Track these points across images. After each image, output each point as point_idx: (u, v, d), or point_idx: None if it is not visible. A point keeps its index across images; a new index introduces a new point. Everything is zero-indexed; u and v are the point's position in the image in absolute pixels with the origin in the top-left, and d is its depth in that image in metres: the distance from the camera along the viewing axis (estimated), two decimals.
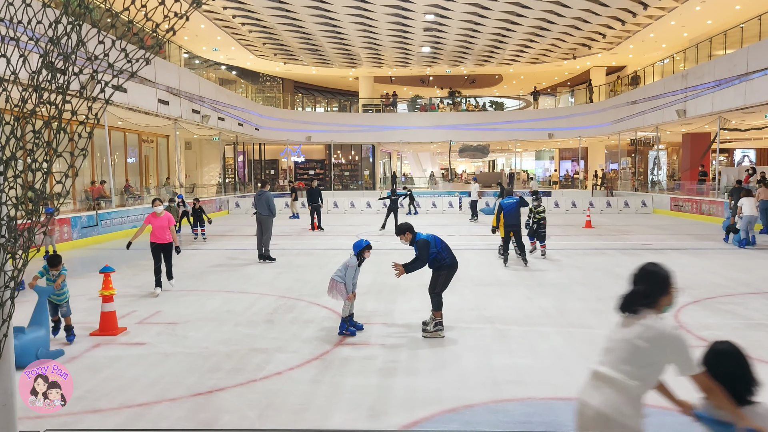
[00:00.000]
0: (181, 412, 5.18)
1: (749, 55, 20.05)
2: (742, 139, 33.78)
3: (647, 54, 32.43)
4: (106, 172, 21.33)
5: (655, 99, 27.35)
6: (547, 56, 35.90)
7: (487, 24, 28.61)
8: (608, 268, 12.21)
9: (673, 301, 3.07)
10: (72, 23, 2.11)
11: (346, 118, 38.84)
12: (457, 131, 37.93)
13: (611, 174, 36.53)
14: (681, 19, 25.78)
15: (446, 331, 7.46)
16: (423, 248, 7.35)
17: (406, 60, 37.19)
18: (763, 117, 22.60)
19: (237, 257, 14.25)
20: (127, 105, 19.02)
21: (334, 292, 7.46)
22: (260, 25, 28.65)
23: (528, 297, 9.59)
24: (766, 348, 6.79)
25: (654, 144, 31.28)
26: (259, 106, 36.01)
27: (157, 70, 21.26)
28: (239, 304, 9.28)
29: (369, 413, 5.13)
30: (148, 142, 28.41)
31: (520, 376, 5.98)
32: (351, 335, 7.45)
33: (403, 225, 7.74)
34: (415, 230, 7.61)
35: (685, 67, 26.79)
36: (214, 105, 27.16)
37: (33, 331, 6.43)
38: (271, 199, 13.48)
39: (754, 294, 9.72)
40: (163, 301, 9.43)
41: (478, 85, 46.39)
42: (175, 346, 7.06)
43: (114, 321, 7.64)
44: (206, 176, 34.18)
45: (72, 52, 2.12)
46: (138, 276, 11.78)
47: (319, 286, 10.42)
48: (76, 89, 2.23)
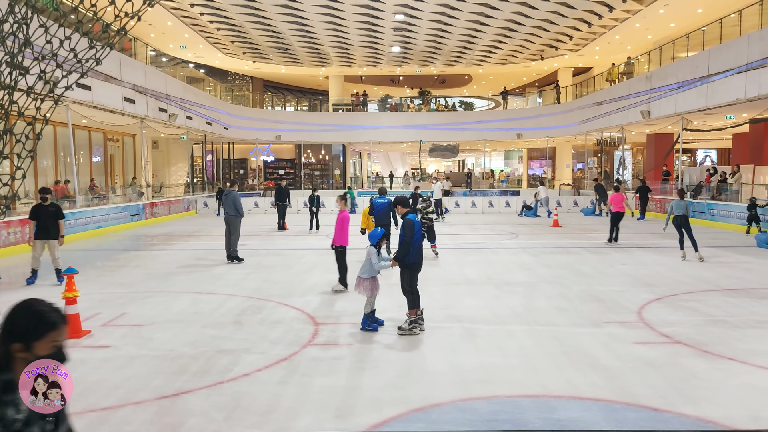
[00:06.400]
0: (146, 415, 5.10)
1: (710, 58, 20.54)
2: (704, 140, 34.64)
3: (613, 56, 33.00)
4: (70, 172, 20.86)
5: (620, 100, 27.85)
6: (515, 57, 36.28)
7: (457, 24, 28.80)
8: (574, 267, 12.40)
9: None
10: (19, 22, 2.06)
11: (316, 118, 38.69)
12: (427, 131, 38.08)
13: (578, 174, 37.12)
14: (645, 21, 26.31)
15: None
16: (407, 228, 7.46)
17: (376, 60, 37.21)
18: (724, 118, 23.19)
19: (205, 258, 14.10)
20: (92, 103, 18.64)
21: (360, 288, 7.64)
22: (228, 23, 28.36)
23: (496, 296, 9.68)
24: (725, 343, 6.98)
25: (619, 144, 31.85)
26: (227, 105, 35.64)
27: (123, 67, 20.89)
28: (207, 305, 9.18)
29: (337, 414, 5.12)
30: (113, 140, 27.90)
31: (487, 375, 6.04)
32: (373, 331, 7.55)
33: (403, 198, 7.94)
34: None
35: (648, 69, 27.33)
36: (182, 103, 26.79)
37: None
38: (238, 198, 13.35)
39: (715, 291, 9.97)
40: (128, 303, 9.28)
41: (447, 86, 46.65)
42: (140, 349, 6.96)
43: (77, 324, 7.49)
44: (174, 176, 33.70)
45: (19, 51, 2.07)
46: (102, 277, 11.56)
47: (288, 287, 10.38)
48: (23, 89, 2.18)
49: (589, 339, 7.19)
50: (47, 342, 2.11)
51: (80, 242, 17.31)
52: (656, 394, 5.47)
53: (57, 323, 2.14)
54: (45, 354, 2.09)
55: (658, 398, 5.37)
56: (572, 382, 5.78)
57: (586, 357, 6.54)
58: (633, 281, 10.79)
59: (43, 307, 2.15)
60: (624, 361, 6.39)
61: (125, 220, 21.48)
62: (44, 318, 2.12)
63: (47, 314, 2.14)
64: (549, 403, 5.31)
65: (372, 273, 7.64)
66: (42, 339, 2.10)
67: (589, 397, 5.43)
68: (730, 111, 21.56)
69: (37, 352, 2.09)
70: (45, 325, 2.11)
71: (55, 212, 11.02)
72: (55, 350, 2.12)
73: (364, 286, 7.61)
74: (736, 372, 6.09)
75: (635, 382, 5.80)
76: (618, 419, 4.98)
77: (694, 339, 7.14)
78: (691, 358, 6.48)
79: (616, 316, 8.31)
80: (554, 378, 5.92)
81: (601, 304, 8.99)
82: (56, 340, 2.13)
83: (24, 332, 2.08)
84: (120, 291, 10.23)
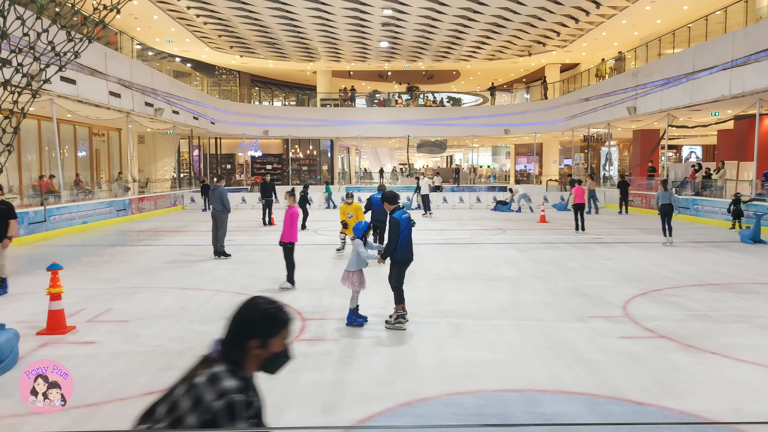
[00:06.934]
0: (132, 411, 5.04)
1: (696, 55, 20.71)
2: (690, 136, 34.90)
3: (599, 52, 33.16)
4: (55, 167, 20.67)
5: (606, 96, 28.00)
6: (503, 53, 36.33)
7: (445, 20, 28.79)
8: (561, 262, 12.48)
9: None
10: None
11: (304, 113, 38.57)
12: (415, 126, 38.09)
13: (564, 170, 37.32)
14: (632, 18, 26.45)
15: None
16: (393, 227, 7.50)
17: (364, 55, 37.12)
18: (709, 114, 23.40)
19: (192, 253, 14.03)
20: (77, 97, 18.46)
21: (347, 282, 7.65)
22: (216, 17, 28.15)
23: (483, 291, 9.73)
24: (707, 338, 7.06)
25: (606, 140, 32.05)
26: (215, 100, 35.43)
27: (108, 61, 20.70)
28: (194, 301, 9.14)
29: (324, 408, 5.13)
30: (99, 135, 27.64)
31: (473, 369, 6.07)
32: (359, 326, 7.57)
33: (391, 193, 7.92)
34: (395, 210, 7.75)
35: (635, 66, 27.49)
36: (168, 98, 26.59)
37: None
38: (225, 194, 13.30)
39: (698, 286, 10.09)
40: (114, 299, 9.22)
41: (435, 81, 46.66)
42: (126, 345, 6.92)
43: (62, 319, 7.43)
44: (160, 171, 33.47)
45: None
46: (88, 273, 11.47)
47: (276, 282, 10.36)
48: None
49: (574, 334, 7.25)
50: (281, 339, 2.18)
51: (65, 238, 17.17)
52: (640, 388, 5.53)
53: (289, 320, 2.21)
54: (278, 350, 2.17)
55: (642, 392, 5.43)
56: (557, 377, 5.83)
57: (572, 351, 6.60)
58: (618, 276, 10.88)
59: (275, 304, 2.22)
60: (608, 356, 6.45)
61: (111, 216, 21.32)
62: (278, 315, 2.19)
63: (280, 312, 2.20)
64: (534, 397, 5.36)
65: (359, 266, 7.65)
66: (277, 336, 2.17)
67: (573, 391, 5.48)
68: (715, 107, 21.75)
69: (271, 348, 2.16)
70: (279, 322, 2.18)
71: (6, 211, 9.55)
72: (285, 347, 2.20)
73: (351, 280, 7.63)
74: (718, 366, 6.17)
75: (619, 376, 5.86)
76: (602, 413, 5.03)
77: (677, 333, 7.23)
78: (674, 353, 6.55)
79: (601, 310, 8.38)
80: (540, 372, 5.97)
81: (586, 299, 9.06)
82: (287, 336, 2.21)
83: (261, 329, 2.14)
84: (106, 287, 10.17)
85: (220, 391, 1.96)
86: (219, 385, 1.98)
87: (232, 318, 2.18)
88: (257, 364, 2.15)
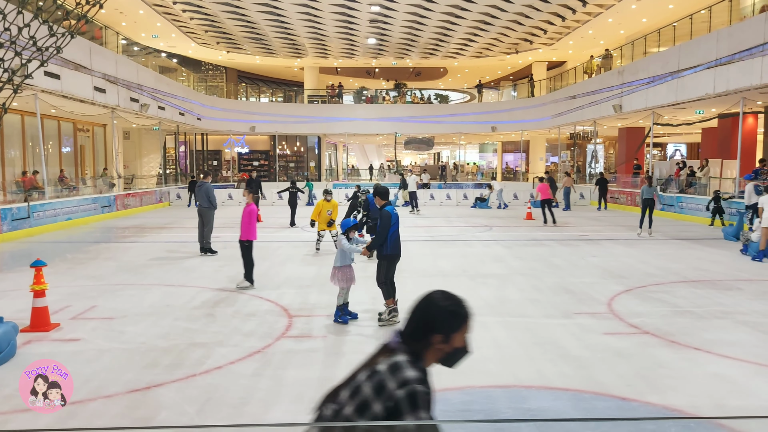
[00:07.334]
0: (117, 409, 5.06)
1: (680, 54, 20.87)
2: (674, 134, 35.24)
3: (586, 50, 33.34)
4: (39, 162, 20.46)
5: (593, 94, 28.17)
6: (490, 50, 36.43)
7: (432, 17, 28.81)
8: (547, 259, 12.55)
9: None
10: None
11: (291, 109, 38.41)
12: (402, 123, 38.09)
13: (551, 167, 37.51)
14: (618, 16, 26.62)
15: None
16: (384, 219, 7.49)
17: (351, 51, 37.05)
18: (694, 113, 23.61)
19: (177, 250, 13.95)
20: (61, 92, 18.26)
21: (334, 279, 7.65)
22: (202, 12, 27.96)
23: (470, 287, 9.76)
24: (691, 334, 7.14)
25: (592, 138, 32.24)
26: (201, 96, 35.20)
27: (93, 56, 20.50)
28: (179, 298, 9.10)
29: (310, 405, 5.11)
30: (83, 131, 27.39)
31: (460, 366, 6.08)
32: (344, 323, 7.56)
33: (382, 188, 7.92)
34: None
35: (621, 64, 27.67)
36: (154, 94, 26.38)
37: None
38: (211, 190, 13.22)
39: (682, 282, 10.19)
40: (99, 296, 9.15)
41: (423, 78, 46.67)
42: (111, 342, 6.88)
43: (46, 317, 7.37)
44: (146, 167, 33.22)
45: None
46: (72, 270, 11.37)
47: (262, 279, 10.33)
48: None
49: (560, 330, 7.30)
50: (462, 333, 2.18)
51: (49, 234, 17.00)
52: (624, 384, 5.59)
53: (469, 316, 2.20)
54: (459, 345, 2.18)
55: (626, 387, 5.49)
56: (543, 373, 5.88)
57: (557, 348, 6.65)
58: (603, 273, 10.97)
59: (455, 299, 2.21)
60: (593, 352, 6.51)
61: (96, 212, 21.14)
62: (461, 310, 2.19)
63: (461, 307, 2.20)
64: (520, 393, 5.39)
65: (343, 261, 7.65)
66: (459, 331, 2.17)
67: (559, 386, 5.53)
68: (699, 106, 21.95)
69: (453, 343, 2.16)
70: (462, 317, 2.18)
71: None
72: (465, 342, 2.19)
73: (338, 276, 7.64)
74: (701, 362, 6.24)
75: (604, 371, 5.92)
76: (587, 408, 5.08)
77: (661, 329, 7.30)
78: (658, 348, 6.62)
79: (586, 307, 8.45)
80: (526, 368, 6.01)
81: (572, 296, 9.12)
82: (468, 331, 2.20)
83: (444, 325, 2.14)
84: (90, 284, 10.08)
85: (402, 380, 1.99)
86: (401, 374, 2.01)
87: (413, 312, 2.20)
88: (437, 358, 2.17)
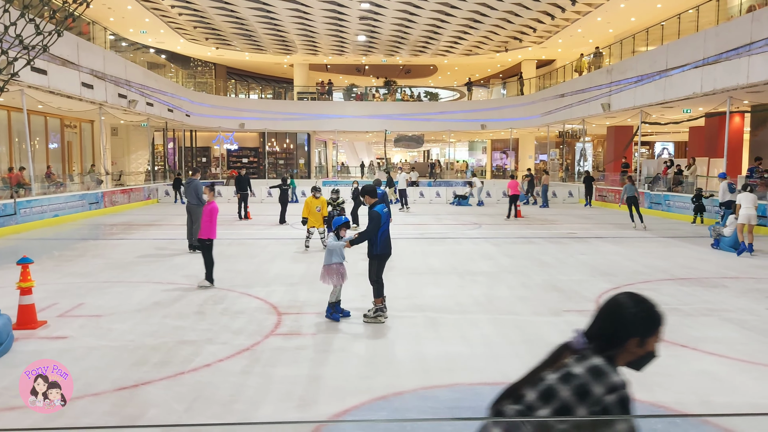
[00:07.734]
0: (105, 407, 5.03)
1: (668, 53, 21.01)
2: (662, 133, 35.45)
3: (575, 49, 33.47)
4: (26, 159, 20.27)
5: (581, 93, 28.29)
6: (480, 48, 36.49)
7: (422, 14, 28.80)
8: (535, 257, 12.60)
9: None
10: None
11: (281, 106, 38.27)
12: (392, 121, 38.06)
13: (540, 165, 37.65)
14: (607, 15, 26.75)
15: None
16: (374, 219, 7.47)
17: (341, 48, 36.97)
18: (681, 112, 23.79)
19: (166, 247, 13.88)
20: (48, 88, 18.08)
21: (326, 278, 7.61)
22: (191, 8, 27.78)
23: (460, 285, 9.79)
24: (678, 331, 7.20)
25: (581, 136, 32.39)
26: (190, 92, 34.99)
27: (81, 52, 20.32)
28: (168, 295, 9.05)
29: (299, 403, 5.13)
30: (71, 127, 27.16)
31: (450, 363, 6.12)
32: (335, 321, 7.55)
33: (371, 187, 7.87)
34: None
35: (610, 63, 27.81)
36: (143, 90, 26.19)
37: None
38: (200, 187, 13.12)
39: (670, 280, 10.27)
40: (86, 293, 9.09)
41: (413, 76, 46.68)
42: (99, 340, 6.84)
43: (33, 314, 7.30)
44: (134, 163, 33.01)
45: None
46: (59, 267, 11.29)
47: (251, 277, 10.31)
48: None
49: (548, 327, 7.34)
50: (656, 337, 2.11)
51: (36, 231, 16.86)
52: None
53: (663, 319, 2.13)
54: (650, 350, 2.11)
55: None
56: None
57: (546, 345, 6.62)
58: (592, 271, 11.03)
59: (649, 303, 2.13)
60: None
61: (83, 209, 20.97)
62: (656, 315, 2.11)
63: (656, 311, 2.12)
64: None
65: (333, 259, 7.62)
66: (654, 335, 2.10)
67: None
68: (686, 105, 22.11)
69: (647, 347, 2.10)
70: (658, 321, 2.11)
71: None
72: (656, 347, 2.12)
73: (328, 274, 7.62)
74: (688, 359, 6.30)
75: None
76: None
77: None
78: None
79: (575, 304, 8.49)
80: (514, 366, 6.03)
81: (561, 294, 9.17)
82: (660, 335, 2.12)
83: (641, 329, 2.08)
84: (78, 281, 10.01)
85: (610, 385, 1.96)
86: (608, 379, 1.97)
87: (603, 315, 2.14)
88: (627, 361, 2.11)
